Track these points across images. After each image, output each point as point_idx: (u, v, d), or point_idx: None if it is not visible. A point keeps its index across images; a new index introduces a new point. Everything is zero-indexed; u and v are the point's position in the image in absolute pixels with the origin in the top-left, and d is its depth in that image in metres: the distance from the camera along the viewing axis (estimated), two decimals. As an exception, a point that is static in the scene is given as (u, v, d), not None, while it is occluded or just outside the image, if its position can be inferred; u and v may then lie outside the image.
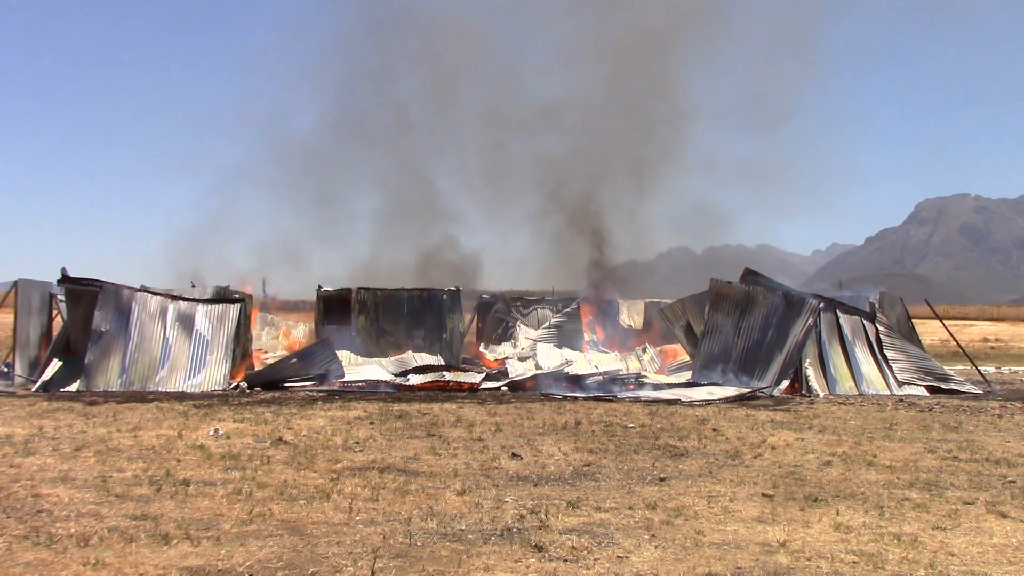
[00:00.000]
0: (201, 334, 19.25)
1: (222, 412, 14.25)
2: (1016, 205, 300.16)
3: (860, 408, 16.06)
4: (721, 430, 12.74)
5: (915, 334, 21.90)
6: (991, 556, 6.51)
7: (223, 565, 6.02)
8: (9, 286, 19.79)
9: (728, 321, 20.32)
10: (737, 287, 20.79)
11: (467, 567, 6.07)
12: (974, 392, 19.29)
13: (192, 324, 19.24)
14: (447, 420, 13.52)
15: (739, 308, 20.34)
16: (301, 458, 10.08)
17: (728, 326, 20.32)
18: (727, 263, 66.51)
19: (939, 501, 8.28)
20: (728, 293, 20.78)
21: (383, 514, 7.53)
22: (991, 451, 11.19)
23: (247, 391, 17.97)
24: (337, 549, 6.44)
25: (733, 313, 20.36)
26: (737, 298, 20.49)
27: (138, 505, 7.70)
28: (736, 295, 20.57)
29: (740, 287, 20.74)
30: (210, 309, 19.71)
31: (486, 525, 7.20)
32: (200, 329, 19.27)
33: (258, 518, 7.31)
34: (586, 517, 7.52)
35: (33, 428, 12.14)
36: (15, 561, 6.06)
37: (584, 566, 6.13)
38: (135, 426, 12.44)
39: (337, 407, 15.15)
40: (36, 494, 8.07)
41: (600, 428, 12.89)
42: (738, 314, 20.28)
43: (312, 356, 19.81)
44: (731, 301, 20.59)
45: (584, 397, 17.37)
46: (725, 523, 7.38)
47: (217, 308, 20.05)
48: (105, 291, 18.74)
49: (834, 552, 6.52)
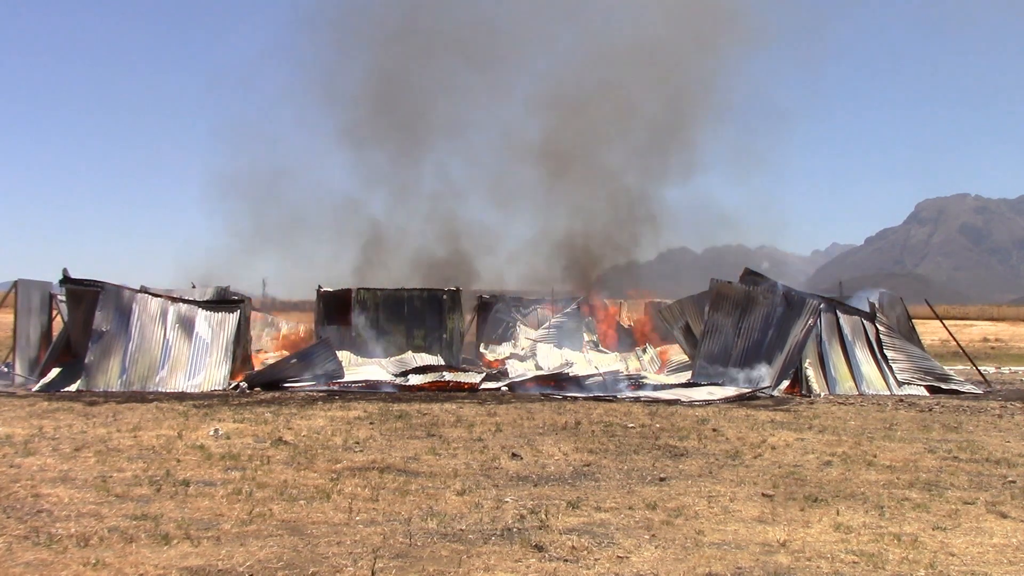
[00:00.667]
0: (201, 336, 19.25)
1: (222, 412, 14.25)
2: (1016, 205, 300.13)
3: (860, 408, 16.06)
4: (721, 430, 12.74)
5: (915, 334, 21.89)
6: (991, 556, 6.51)
7: (223, 565, 6.02)
8: (9, 286, 19.80)
9: (728, 321, 20.30)
10: (737, 287, 20.74)
11: (467, 567, 6.07)
12: (974, 392, 19.29)
13: (192, 326, 19.24)
14: (447, 420, 13.53)
15: (739, 308, 20.30)
16: (301, 458, 10.08)
17: (728, 326, 20.30)
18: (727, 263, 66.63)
19: (939, 501, 8.28)
20: (728, 293, 20.72)
21: (383, 514, 7.53)
22: (991, 451, 11.19)
23: (247, 391, 17.97)
24: (337, 549, 6.44)
25: (733, 313, 20.33)
26: (737, 298, 20.45)
27: (138, 505, 7.70)
28: (736, 295, 20.53)
29: (740, 287, 20.70)
30: (210, 310, 19.73)
31: (486, 525, 7.20)
32: (200, 331, 19.27)
33: (258, 518, 7.31)
34: (586, 517, 7.52)
35: (33, 428, 12.15)
36: (15, 561, 6.06)
37: (584, 566, 6.13)
38: (135, 426, 12.44)
39: (337, 407, 15.15)
40: (36, 494, 8.07)
41: (600, 428, 12.89)
42: (738, 314, 20.25)
43: (312, 356, 19.81)
44: (731, 301, 20.55)
45: (584, 397, 17.37)
46: (725, 523, 7.38)
47: (217, 309, 20.06)
48: (106, 291, 18.74)
49: (834, 552, 6.52)
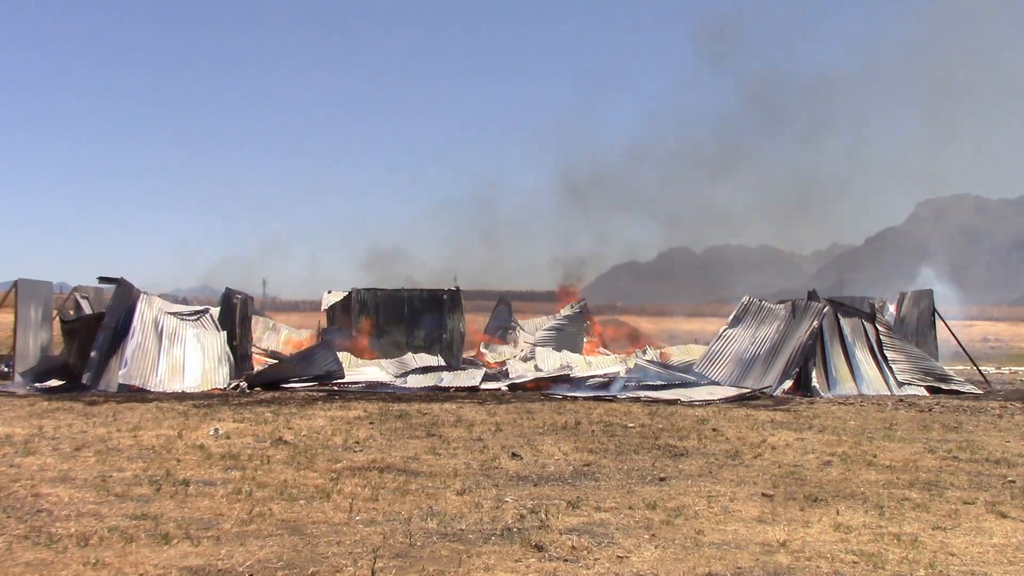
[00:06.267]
0: (200, 336, 19.31)
1: (222, 412, 14.25)
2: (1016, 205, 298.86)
3: (860, 408, 16.06)
4: (721, 430, 12.74)
5: (934, 329, 22.37)
6: (991, 556, 6.51)
7: (223, 565, 6.02)
8: (9, 286, 19.80)
9: (747, 333, 20.50)
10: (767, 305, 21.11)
11: (467, 567, 6.07)
12: (974, 392, 19.29)
13: (192, 326, 19.27)
14: (447, 420, 13.53)
15: (758, 320, 20.61)
16: (301, 458, 10.08)
17: (742, 335, 20.54)
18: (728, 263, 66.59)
19: (939, 501, 8.28)
20: (753, 308, 21.13)
21: (383, 514, 7.53)
22: (991, 451, 11.19)
23: (247, 391, 17.97)
24: (337, 549, 6.44)
25: (752, 325, 20.57)
26: (762, 314, 20.76)
27: (138, 505, 7.70)
28: (760, 311, 20.86)
29: (769, 305, 21.06)
30: (210, 310, 19.77)
31: (486, 525, 7.20)
32: (199, 331, 19.33)
33: (258, 518, 7.31)
34: (586, 517, 7.52)
35: (33, 428, 12.15)
36: (15, 561, 6.06)
37: (584, 566, 6.13)
38: (135, 426, 12.45)
39: (337, 407, 15.16)
40: (36, 494, 8.07)
41: (600, 428, 12.89)
42: (755, 325, 20.52)
43: (313, 357, 19.84)
44: (752, 314, 20.88)
45: (584, 397, 17.37)
46: (725, 523, 7.38)
47: (215, 309, 20.10)
48: (122, 286, 18.94)
49: (834, 552, 6.52)
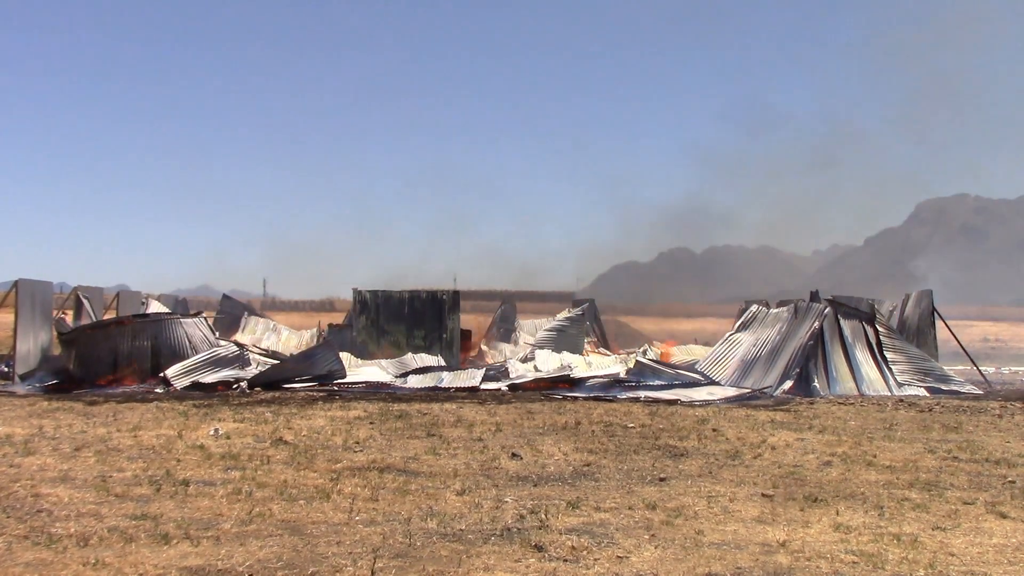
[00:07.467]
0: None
1: (222, 412, 14.24)
2: (1016, 205, 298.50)
3: (860, 408, 16.05)
4: (721, 430, 12.74)
5: (934, 328, 22.44)
6: (991, 556, 6.51)
7: (223, 565, 6.02)
8: (9, 286, 19.81)
9: (751, 338, 20.57)
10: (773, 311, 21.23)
11: (467, 567, 6.06)
12: (974, 392, 19.28)
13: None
14: (447, 420, 13.53)
15: (762, 325, 20.71)
16: (301, 458, 10.08)
17: (747, 340, 20.62)
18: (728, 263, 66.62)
19: (939, 501, 8.28)
20: (759, 314, 21.31)
21: (383, 514, 7.53)
22: (991, 451, 11.19)
23: (247, 391, 17.97)
24: (337, 549, 6.44)
25: (757, 330, 20.65)
26: (768, 320, 20.87)
27: (138, 505, 7.70)
28: (766, 317, 21.01)
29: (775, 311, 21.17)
30: None
31: (486, 525, 7.20)
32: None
33: (258, 518, 7.31)
34: (586, 517, 7.52)
35: (33, 428, 12.15)
36: (15, 561, 6.06)
37: (584, 566, 6.13)
38: (135, 426, 12.44)
39: (337, 407, 15.15)
40: (36, 494, 8.07)
41: (600, 428, 12.89)
42: (759, 329, 20.63)
43: (314, 357, 19.86)
44: (759, 321, 21.07)
45: (584, 397, 17.38)
46: (725, 523, 7.37)
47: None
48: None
49: (834, 552, 6.52)
